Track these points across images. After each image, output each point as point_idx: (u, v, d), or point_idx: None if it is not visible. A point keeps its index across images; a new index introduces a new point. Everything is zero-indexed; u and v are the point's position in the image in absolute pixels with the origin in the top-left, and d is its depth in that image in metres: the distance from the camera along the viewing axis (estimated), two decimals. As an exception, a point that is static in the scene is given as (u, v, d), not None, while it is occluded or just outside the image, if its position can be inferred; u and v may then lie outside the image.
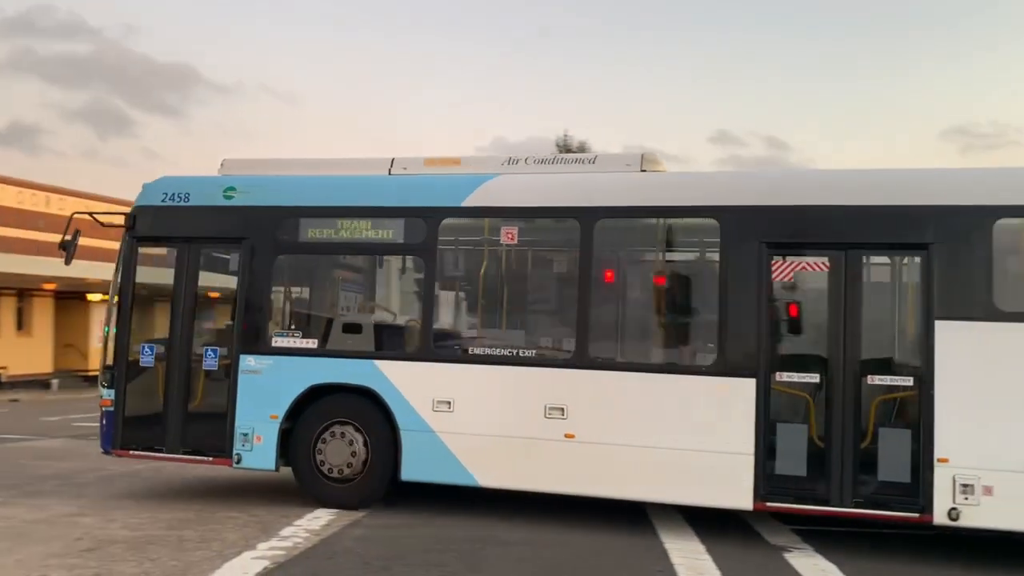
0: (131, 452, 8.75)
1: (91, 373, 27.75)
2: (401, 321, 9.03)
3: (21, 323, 30.76)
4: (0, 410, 21.66)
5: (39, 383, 29.77)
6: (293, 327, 8.87)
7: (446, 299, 8.80)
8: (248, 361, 8.38)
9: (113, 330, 8.82)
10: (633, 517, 8.04)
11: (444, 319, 8.76)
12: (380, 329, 8.68)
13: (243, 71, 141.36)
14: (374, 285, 9.53)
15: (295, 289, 9.38)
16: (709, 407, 7.35)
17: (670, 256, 8.51)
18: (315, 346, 8.46)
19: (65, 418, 19.11)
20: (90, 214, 9.10)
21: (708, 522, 7.79)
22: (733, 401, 7.25)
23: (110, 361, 8.79)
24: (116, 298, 8.87)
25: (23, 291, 30.36)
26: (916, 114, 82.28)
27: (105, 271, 11.33)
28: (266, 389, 8.30)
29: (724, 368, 7.37)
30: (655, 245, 8.47)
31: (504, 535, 7.40)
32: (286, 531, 7.35)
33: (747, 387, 7.20)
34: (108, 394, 8.74)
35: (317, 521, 7.77)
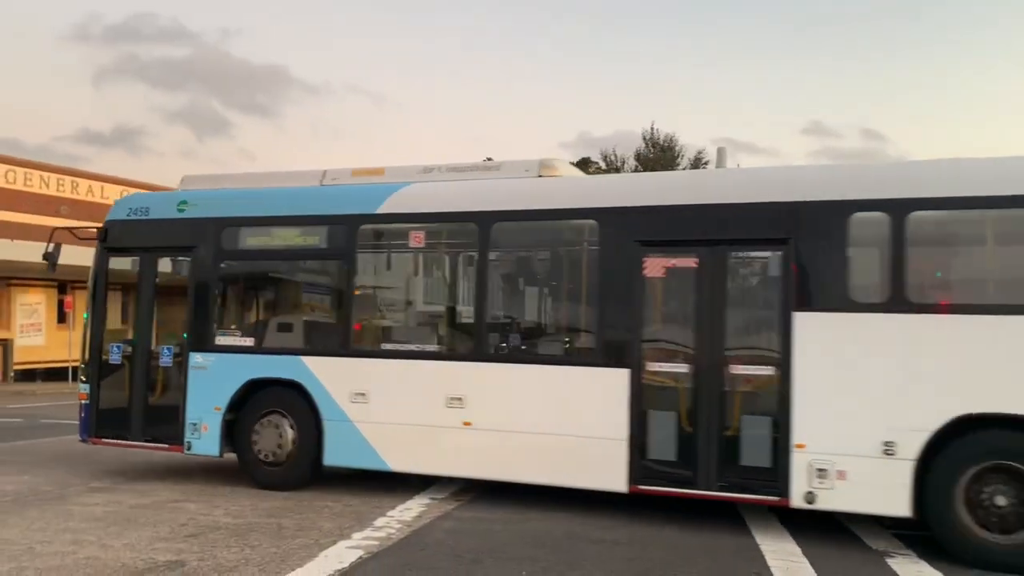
0: (103, 440, 9.68)
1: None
2: (324, 320, 9.63)
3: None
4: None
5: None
6: (234, 327, 9.73)
7: (363, 299, 9.35)
8: (196, 358, 9.25)
9: (89, 331, 9.91)
10: (727, 518, 7.88)
11: (360, 318, 9.22)
12: (307, 328, 9.34)
13: (331, 71, 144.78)
14: (303, 287, 10.38)
15: (236, 292, 10.18)
16: (587, 396, 7.86)
17: (557, 256, 8.97)
18: (252, 344, 9.25)
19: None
20: (69, 229, 10.20)
21: (803, 524, 7.58)
22: (608, 391, 7.73)
23: (86, 359, 9.83)
24: (91, 303, 9.95)
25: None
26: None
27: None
28: (211, 383, 9.16)
29: (600, 360, 7.87)
30: (544, 245, 8.97)
31: (598, 533, 7.32)
32: (379, 521, 7.47)
33: (621, 377, 7.69)
34: (84, 388, 9.80)
35: (409, 512, 7.87)
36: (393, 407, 8.52)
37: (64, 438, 13.06)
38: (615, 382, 7.69)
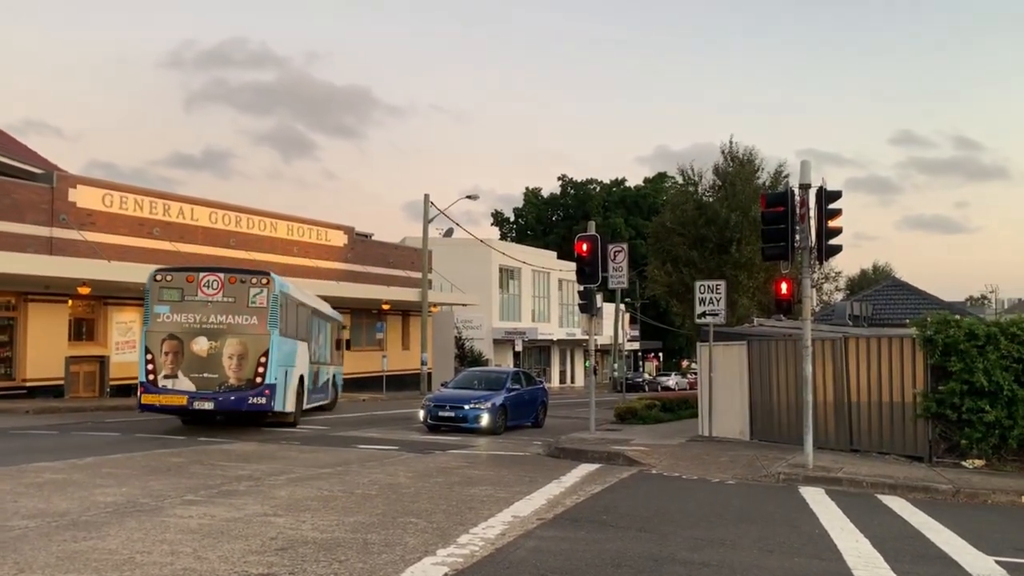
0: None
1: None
2: None
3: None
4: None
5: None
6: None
7: None
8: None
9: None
10: (822, 546, 7.66)
11: None
12: None
13: (414, 92, 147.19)
14: None
15: None
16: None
17: None
18: None
19: (255, 421, 20.44)
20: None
21: (902, 553, 7.31)
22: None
23: None
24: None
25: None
26: None
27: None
28: None
29: None
30: None
31: (685, 555, 7.20)
32: (463, 539, 7.50)
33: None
34: None
35: (492, 530, 7.88)
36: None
37: (157, 451, 13.53)
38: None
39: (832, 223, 12.97)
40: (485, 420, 19.44)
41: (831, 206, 12.99)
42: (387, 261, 41.16)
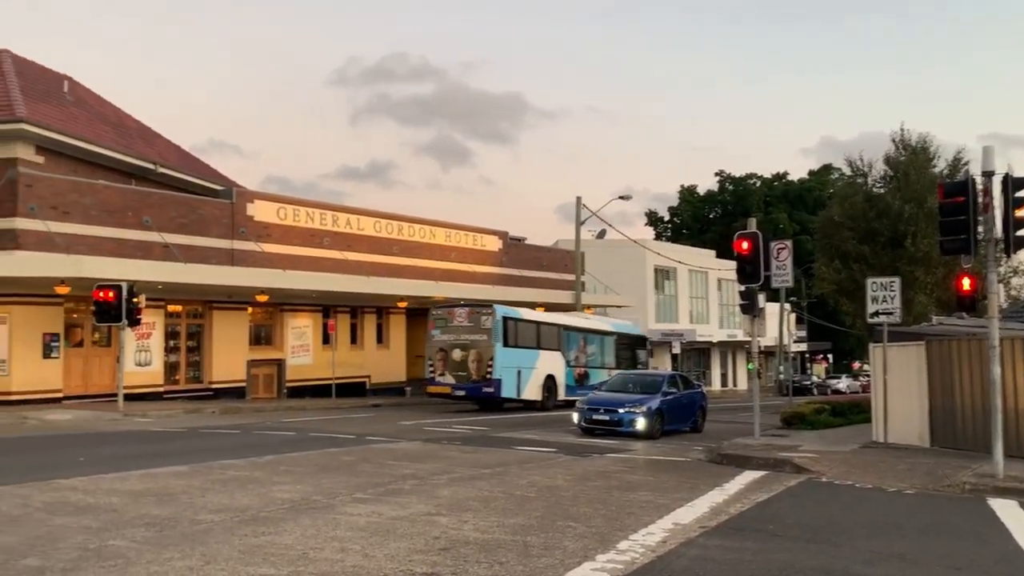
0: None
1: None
2: None
3: (381, 337, 34.61)
4: (365, 414, 24.47)
5: (395, 390, 33.20)
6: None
7: None
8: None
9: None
10: (1017, 565, 7.03)
11: None
12: None
13: (567, 95, 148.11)
14: None
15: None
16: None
17: None
18: None
19: (418, 423, 21.11)
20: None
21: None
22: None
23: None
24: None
25: (381, 309, 34.12)
26: None
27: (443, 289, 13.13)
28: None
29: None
30: None
31: (860, 569, 6.80)
32: (622, 545, 7.40)
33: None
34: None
35: (652, 537, 7.74)
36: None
37: (330, 450, 14.20)
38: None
39: (1020, 212, 11.91)
40: (640, 424, 19.17)
41: (1019, 194, 11.94)
42: (540, 264, 41.50)
